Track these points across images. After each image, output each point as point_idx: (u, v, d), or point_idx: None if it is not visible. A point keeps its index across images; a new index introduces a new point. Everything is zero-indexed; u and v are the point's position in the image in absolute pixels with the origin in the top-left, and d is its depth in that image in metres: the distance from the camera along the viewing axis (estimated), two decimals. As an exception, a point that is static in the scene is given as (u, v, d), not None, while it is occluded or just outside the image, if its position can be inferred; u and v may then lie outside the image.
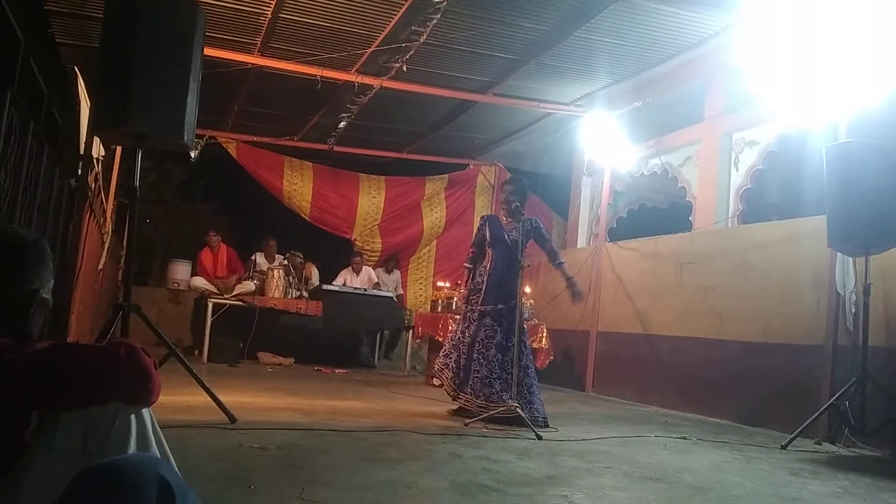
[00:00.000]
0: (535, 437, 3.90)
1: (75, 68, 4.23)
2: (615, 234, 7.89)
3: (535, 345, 6.75)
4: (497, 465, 3.08)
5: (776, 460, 3.79)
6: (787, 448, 4.15)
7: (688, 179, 6.81)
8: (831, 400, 4.27)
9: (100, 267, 5.96)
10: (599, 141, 7.53)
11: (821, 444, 4.39)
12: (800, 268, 5.15)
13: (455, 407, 4.73)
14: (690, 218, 6.68)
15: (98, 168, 4.86)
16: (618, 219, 8.14)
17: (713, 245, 6.07)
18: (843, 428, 4.39)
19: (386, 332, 9.16)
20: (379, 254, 9.95)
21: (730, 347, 5.59)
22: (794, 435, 4.22)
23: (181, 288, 8.63)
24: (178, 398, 4.11)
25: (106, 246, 6.23)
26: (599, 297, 7.36)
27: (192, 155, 8.44)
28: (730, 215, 6.29)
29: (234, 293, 7.90)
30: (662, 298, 6.46)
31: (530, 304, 7.03)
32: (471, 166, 10.31)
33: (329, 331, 8.24)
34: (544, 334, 6.82)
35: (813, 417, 4.26)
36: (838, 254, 4.72)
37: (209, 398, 3.59)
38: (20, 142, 2.82)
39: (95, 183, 4.82)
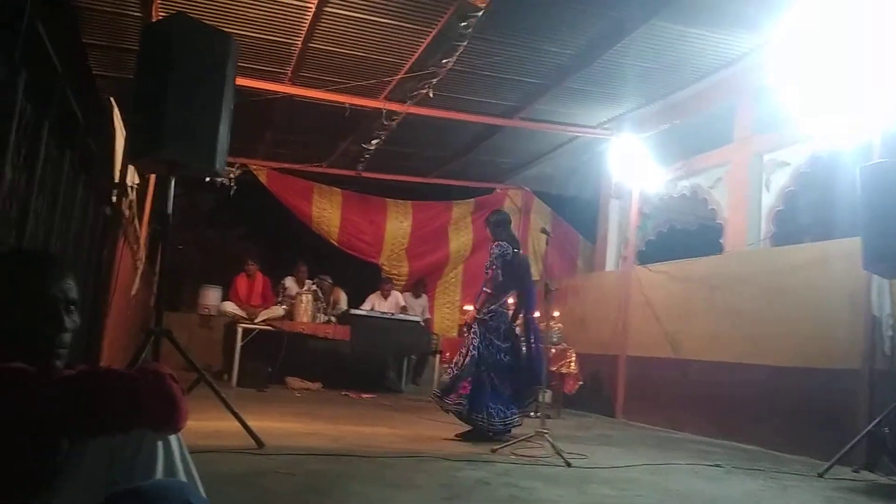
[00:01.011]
0: (564, 465, 3.84)
1: (111, 99, 4.34)
2: (644, 257, 7.81)
3: (563, 370, 6.69)
4: (525, 493, 3.03)
5: (813, 489, 3.68)
6: (825, 476, 4.03)
7: (718, 201, 6.73)
8: (869, 427, 4.14)
9: (133, 293, 6.06)
10: (627, 163, 7.49)
11: (859, 473, 4.25)
12: (834, 290, 5.04)
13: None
14: (721, 240, 6.59)
15: (132, 196, 4.96)
16: (647, 241, 8.07)
17: (744, 268, 5.97)
18: (883, 455, 4.24)
19: (413, 356, 9.13)
20: (406, 278, 9.97)
21: (763, 372, 5.47)
22: (831, 463, 4.09)
23: (212, 313, 8.72)
24: (207, 423, 4.13)
25: (139, 272, 6.34)
26: (628, 320, 7.27)
27: (219, 181, 8.57)
28: (761, 238, 6.19)
29: (262, 318, 7.96)
30: (693, 322, 6.36)
31: (558, 328, 6.97)
32: (498, 190, 10.32)
33: (357, 355, 8.25)
34: (573, 359, 6.75)
35: (850, 445, 4.13)
36: (874, 276, 4.61)
37: (237, 423, 3.60)
38: (56, 170, 2.89)
39: (129, 210, 4.92)
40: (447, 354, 7.44)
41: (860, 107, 5.11)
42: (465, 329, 5.18)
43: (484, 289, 4.95)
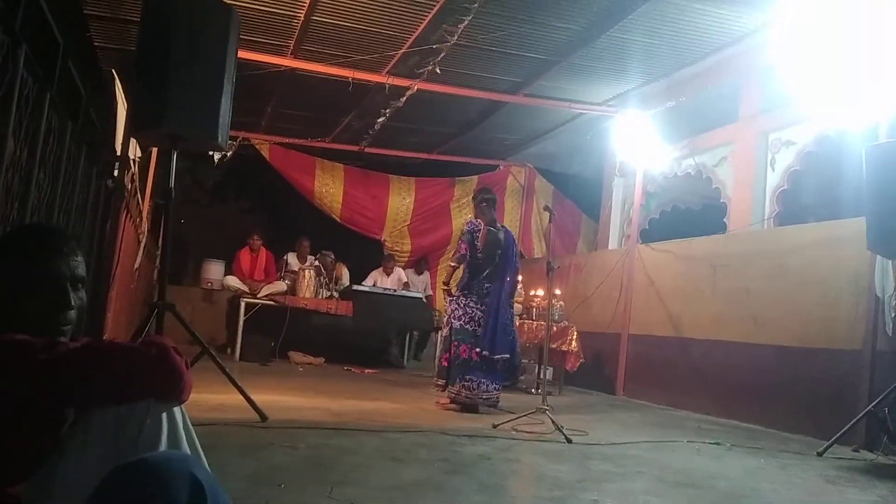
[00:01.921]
0: (565, 441, 3.86)
1: (113, 71, 4.31)
2: (647, 236, 7.80)
3: (564, 347, 6.71)
4: (526, 468, 3.06)
5: (812, 468, 3.70)
6: (824, 455, 4.05)
7: (722, 180, 6.70)
8: (869, 406, 4.16)
9: (136, 266, 6.07)
10: (631, 141, 7.44)
11: (858, 452, 4.28)
12: (837, 271, 5.03)
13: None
14: (725, 220, 6.57)
15: (134, 169, 4.95)
16: (650, 220, 8.05)
17: (748, 247, 5.95)
18: (882, 435, 4.26)
19: (415, 332, 9.17)
20: (408, 255, 9.97)
21: (764, 352, 5.48)
22: (830, 442, 4.11)
23: (214, 287, 8.74)
24: (211, 396, 4.16)
25: (142, 246, 6.35)
26: (631, 299, 7.28)
27: (217, 157, 8.54)
28: (766, 217, 6.17)
29: (265, 293, 7.98)
30: (695, 301, 6.37)
31: (560, 305, 6.98)
32: (501, 167, 10.28)
33: (359, 331, 8.28)
34: (574, 336, 6.77)
35: (850, 424, 4.15)
36: (878, 257, 4.59)
37: (241, 396, 3.62)
38: (59, 143, 2.88)
39: (132, 184, 4.91)
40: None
41: (867, 87, 5.05)
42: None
43: (449, 263, 5.40)
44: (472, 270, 5.23)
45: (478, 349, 4.99)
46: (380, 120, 7.97)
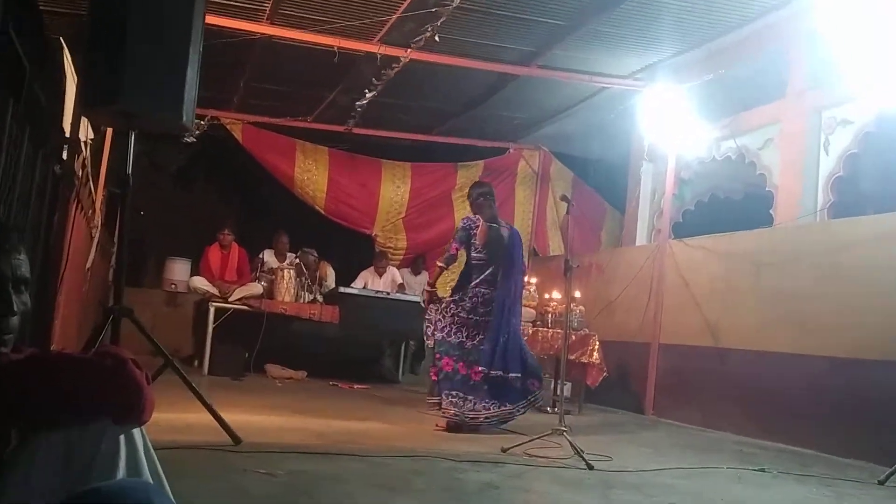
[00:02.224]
0: (585, 467, 3.87)
1: (60, 39, 4.30)
2: (681, 230, 7.79)
3: (584, 359, 6.72)
4: (540, 499, 3.06)
5: (872, 497, 3.71)
6: (886, 484, 4.05)
7: (767, 165, 6.69)
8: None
9: (88, 265, 6.07)
10: (662, 120, 7.43)
11: (926, 481, 4.28)
12: (902, 270, 5.02)
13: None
14: (771, 211, 6.56)
15: (86, 153, 4.95)
16: (684, 212, 8.04)
17: (797, 243, 5.95)
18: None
19: (412, 342, 9.18)
20: (403, 252, 9.97)
21: (816, 364, 5.48)
22: (894, 469, 4.11)
23: (179, 290, 8.75)
24: (175, 416, 4.16)
25: (95, 241, 6.35)
26: (662, 303, 7.28)
27: (183, 139, 8.53)
28: (818, 208, 6.16)
29: (238, 296, 7.98)
30: (736, 306, 6.37)
31: (580, 311, 6.98)
32: (511, 150, 10.27)
33: (346, 340, 8.28)
34: (596, 347, 6.77)
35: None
36: (949, 254, 4.59)
37: (210, 416, 3.63)
38: (-1, 123, 2.88)
39: (83, 169, 4.90)
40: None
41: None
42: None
43: (437, 263, 5.44)
44: (467, 273, 5.27)
45: (480, 368, 5.01)
46: (370, 95, 7.96)
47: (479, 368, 5.03)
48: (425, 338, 5.46)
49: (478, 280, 5.19)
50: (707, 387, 6.54)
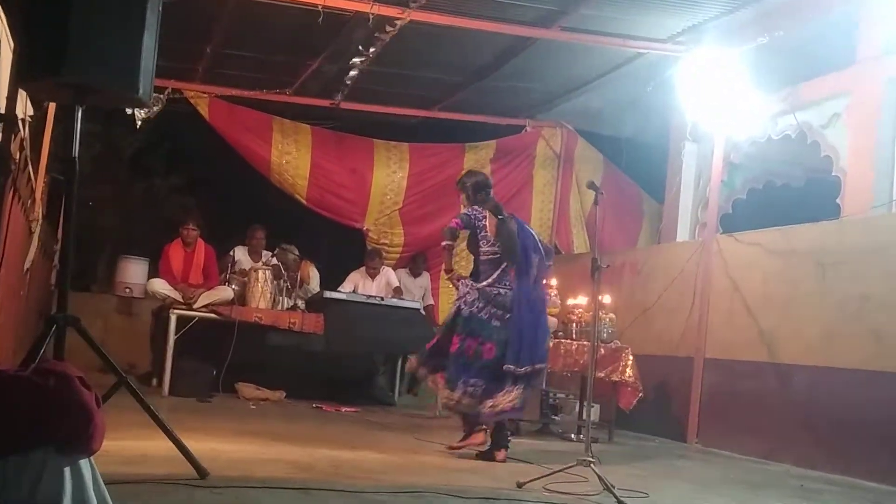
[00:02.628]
0: (616, 505, 3.87)
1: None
2: (730, 223, 7.78)
3: (615, 377, 6.70)
4: (563, 543, 3.06)
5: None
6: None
7: (834, 146, 6.67)
8: None
9: (27, 266, 6.08)
10: (708, 93, 7.41)
11: None
12: None
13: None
14: (838, 200, 6.55)
15: (25, 133, 4.95)
16: (734, 202, 8.03)
17: (870, 238, 5.93)
18: None
19: (410, 356, 9.17)
20: (401, 249, 9.96)
21: (893, 383, 5.46)
22: None
23: (135, 295, 8.75)
24: (131, 444, 4.17)
25: (35, 237, 6.36)
26: (707, 311, 7.26)
27: (141, 116, 8.53)
28: (894, 197, 6.14)
29: (204, 302, 7.98)
30: (797, 313, 6.35)
31: (610, 320, 6.97)
32: (528, 129, 10.26)
33: (333, 354, 8.28)
34: (629, 362, 6.75)
35: None
36: None
37: (171, 444, 3.63)
38: (-79, 97, 2.88)
39: (21, 152, 4.91)
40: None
41: None
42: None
43: (443, 244, 5.61)
44: (479, 271, 5.43)
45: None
46: (360, 63, 7.95)
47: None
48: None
49: (492, 277, 5.34)
50: (762, 410, 6.52)
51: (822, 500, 4.53)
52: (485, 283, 5.32)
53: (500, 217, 5.34)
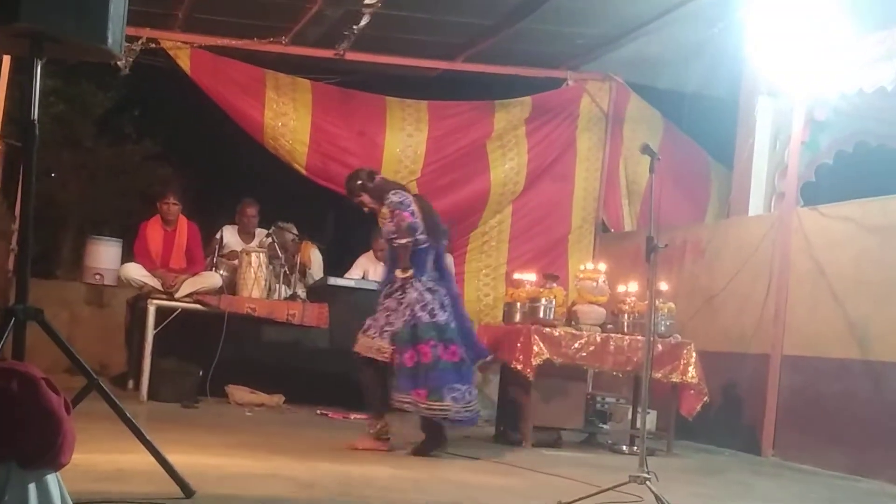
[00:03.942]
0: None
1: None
2: (813, 194, 7.73)
3: (675, 378, 6.69)
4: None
5: None
6: None
7: (940, 100, 6.60)
8: None
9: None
10: (788, 37, 7.34)
11: None
12: None
13: None
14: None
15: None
16: (818, 168, 7.96)
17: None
18: None
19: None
20: (419, 228, 9.98)
21: None
22: None
23: (106, 282, 8.81)
24: (104, 457, 4.20)
25: (-12, 215, 6.42)
26: (786, 298, 7.22)
27: (118, 70, 8.56)
28: None
29: (188, 291, 8.02)
30: (895, 301, 6.32)
31: (668, 310, 6.95)
32: (570, 82, 10.19)
33: (339, 351, 8.31)
34: (692, 360, 6.73)
35: None
36: None
37: (152, 458, 3.66)
38: None
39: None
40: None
41: None
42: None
43: (397, 241, 5.88)
44: (417, 260, 5.83)
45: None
46: (370, 2, 7.93)
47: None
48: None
49: (427, 266, 5.85)
50: (851, 417, 6.50)
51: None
52: (425, 276, 5.76)
53: (414, 194, 5.80)
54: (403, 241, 5.81)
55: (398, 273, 5.87)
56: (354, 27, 8.48)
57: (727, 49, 8.38)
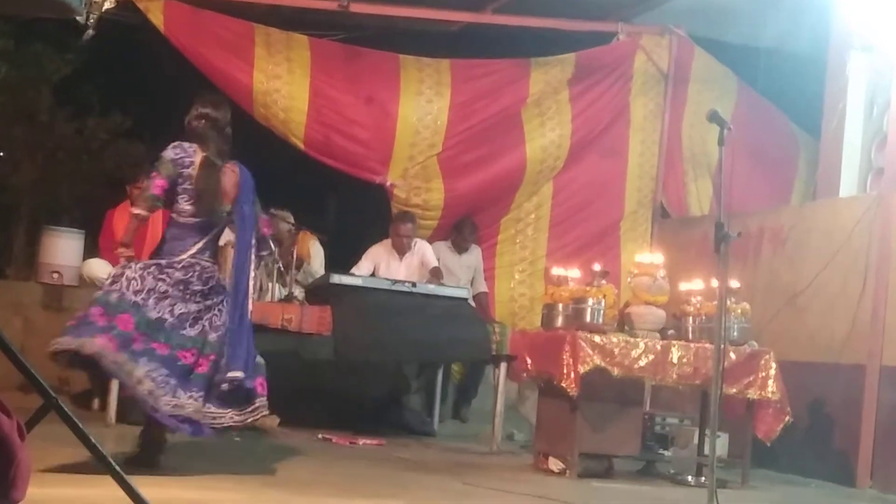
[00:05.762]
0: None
1: None
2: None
3: (752, 393, 6.67)
4: None
5: None
6: None
7: None
8: None
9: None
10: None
11: None
12: None
13: None
14: None
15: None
16: (924, 139, 7.93)
17: None
18: None
19: (455, 367, 9.20)
20: (440, 213, 9.92)
21: None
22: None
23: (66, 282, 8.87)
24: (64, 491, 4.24)
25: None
26: (886, 298, 7.20)
27: (83, 29, 8.60)
28: None
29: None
30: None
31: (742, 312, 6.93)
32: (621, 37, 10.17)
33: (345, 364, 8.33)
34: (771, 372, 6.72)
35: None
36: None
37: (121, 491, 3.69)
38: None
39: None
40: (523, 363, 7.45)
41: None
42: None
43: (133, 211, 6.15)
44: (173, 230, 5.95)
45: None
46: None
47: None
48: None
49: (185, 243, 5.89)
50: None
51: None
52: (169, 247, 6.04)
53: (215, 161, 5.93)
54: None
55: None
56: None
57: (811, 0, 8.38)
